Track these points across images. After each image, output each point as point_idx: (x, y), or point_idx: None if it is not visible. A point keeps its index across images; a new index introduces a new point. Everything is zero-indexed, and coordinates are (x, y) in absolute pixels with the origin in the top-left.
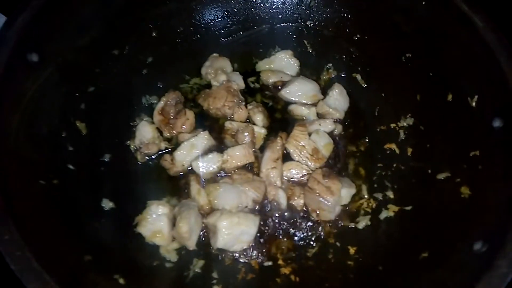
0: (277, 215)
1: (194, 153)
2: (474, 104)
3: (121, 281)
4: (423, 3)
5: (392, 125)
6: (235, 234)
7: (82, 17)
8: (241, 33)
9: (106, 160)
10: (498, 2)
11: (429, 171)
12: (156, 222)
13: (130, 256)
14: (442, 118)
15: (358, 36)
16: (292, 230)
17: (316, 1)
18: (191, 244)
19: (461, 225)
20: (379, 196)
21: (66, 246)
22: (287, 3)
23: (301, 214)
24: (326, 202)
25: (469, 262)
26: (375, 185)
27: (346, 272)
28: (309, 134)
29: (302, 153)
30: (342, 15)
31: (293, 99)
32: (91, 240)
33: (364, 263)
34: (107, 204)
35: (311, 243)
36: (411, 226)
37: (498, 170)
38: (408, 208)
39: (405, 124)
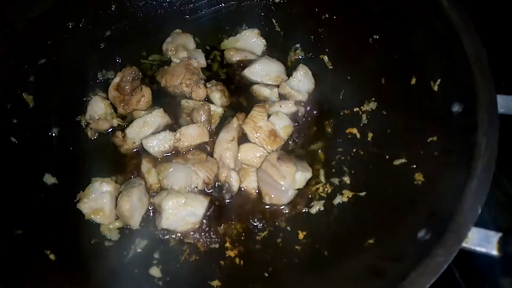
0: (228, 197)
1: (146, 130)
2: (436, 88)
3: (52, 256)
4: None
5: (356, 109)
6: (181, 214)
7: None
8: (207, 9)
9: (53, 134)
10: None
11: (387, 156)
12: (98, 200)
13: (67, 232)
14: (405, 103)
15: (327, 15)
16: (243, 213)
17: None
18: (134, 224)
19: (409, 212)
20: (336, 181)
21: None
22: None
23: (254, 197)
24: (278, 185)
25: (411, 251)
26: (333, 170)
27: (292, 256)
28: (269, 116)
29: (259, 134)
30: None
31: (256, 79)
32: (25, 214)
33: (311, 248)
34: (49, 180)
35: (262, 226)
36: (362, 212)
37: (453, 157)
38: (362, 194)
39: (368, 108)
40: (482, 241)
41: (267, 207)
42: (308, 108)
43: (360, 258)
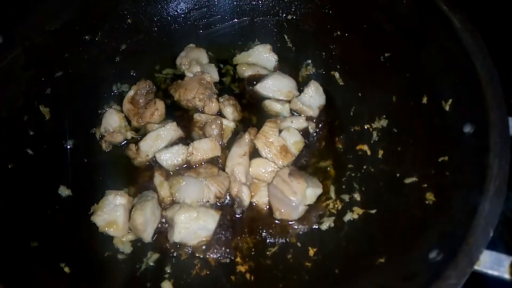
0: (239, 211)
1: (159, 144)
2: (447, 108)
3: (66, 269)
4: (404, 1)
5: (366, 126)
6: (193, 228)
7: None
8: (220, 24)
9: (69, 147)
10: (478, 2)
11: (398, 174)
12: (112, 212)
13: (81, 245)
14: (416, 121)
15: (339, 32)
16: (253, 228)
17: None
18: (147, 237)
19: (421, 231)
20: (346, 197)
21: (11, 230)
22: None
23: (264, 212)
24: (289, 201)
25: (422, 271)
26: (343, 186)
27: (302, 273)
28: (281, 131)
29: (270, 149)
30: (323, 10)
31: (268, 94)
32: (40, 226)
33: (322, 265)
34: (64, 192)
35: (272, 242)
36: (373, 230)
37: (464, 178)
38: (373, 211)
39: (379, 125)
40: (495, 264)
41: (277, 222)
42: (319, 124)
43: (371, 277)
